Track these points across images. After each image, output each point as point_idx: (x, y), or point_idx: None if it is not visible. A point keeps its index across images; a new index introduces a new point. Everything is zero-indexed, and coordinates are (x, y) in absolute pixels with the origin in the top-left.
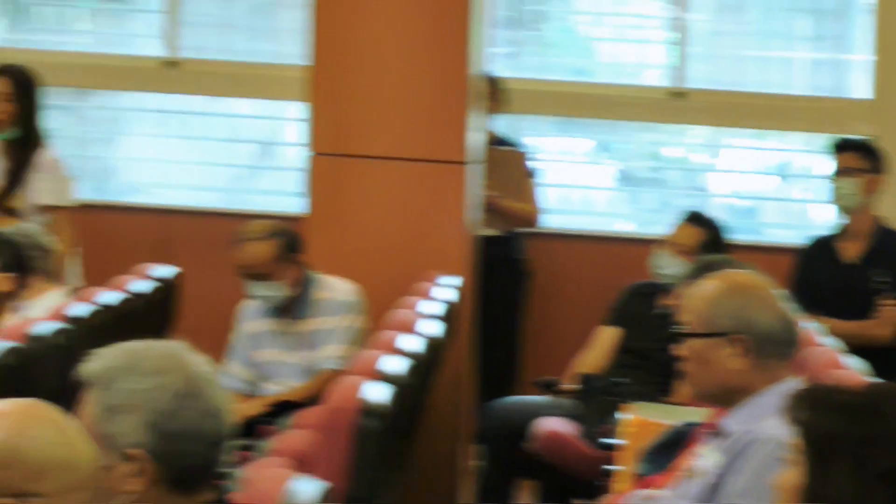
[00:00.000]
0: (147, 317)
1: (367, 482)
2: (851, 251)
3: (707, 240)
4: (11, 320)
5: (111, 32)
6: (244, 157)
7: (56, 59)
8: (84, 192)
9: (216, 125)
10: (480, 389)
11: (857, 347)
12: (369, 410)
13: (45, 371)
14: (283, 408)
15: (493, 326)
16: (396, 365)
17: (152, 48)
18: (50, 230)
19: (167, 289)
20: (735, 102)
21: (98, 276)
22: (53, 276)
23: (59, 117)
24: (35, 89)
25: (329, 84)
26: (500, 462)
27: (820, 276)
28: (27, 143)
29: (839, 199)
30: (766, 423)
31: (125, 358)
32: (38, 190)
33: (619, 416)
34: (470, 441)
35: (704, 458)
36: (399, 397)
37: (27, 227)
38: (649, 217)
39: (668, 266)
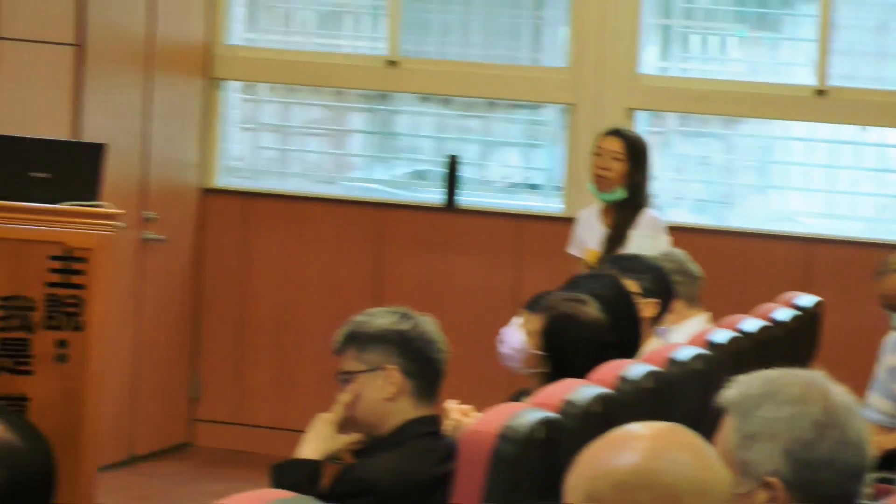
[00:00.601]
0: (787, 345)
1: None
2: None
3: None
4: (655, 344)
5: (762, 61)
6: (892, 187)
7: (706, 86)
8: (731, 220)
9: (865, 154)
10: None
11: None
12: None
13: (684, 396)
14: None
15: None
16: None
17: (803, 77)
18: None
19: (809, 318)
20: None
21: (743, 302)
22: (697, 301)
23: (708, 145)
24: (646, 154)
25: None
26: None
27: None
28: (632, 204)
29: None
30: None
31: (764, 385)
32: (635, 246)
33: None
34: None
35: None
36: None
37: (675, 253)
38: None
39: None
